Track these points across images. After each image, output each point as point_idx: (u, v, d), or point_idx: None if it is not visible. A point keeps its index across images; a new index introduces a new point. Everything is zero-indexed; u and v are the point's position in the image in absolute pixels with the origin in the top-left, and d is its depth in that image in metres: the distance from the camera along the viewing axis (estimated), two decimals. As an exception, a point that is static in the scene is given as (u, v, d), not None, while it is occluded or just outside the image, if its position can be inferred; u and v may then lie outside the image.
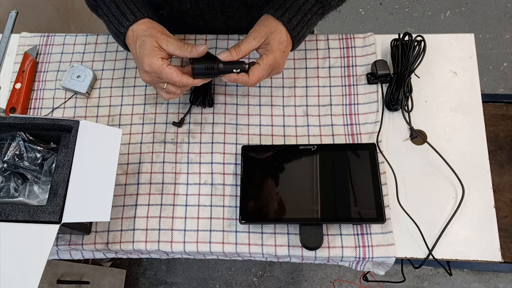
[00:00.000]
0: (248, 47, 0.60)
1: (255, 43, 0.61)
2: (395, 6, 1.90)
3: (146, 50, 0.59)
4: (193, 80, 0.61)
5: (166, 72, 0.59)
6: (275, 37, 0.61)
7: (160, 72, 0.59)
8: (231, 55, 0.60)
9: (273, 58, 0.61)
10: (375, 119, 0.71)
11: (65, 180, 0.55)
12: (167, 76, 0.59)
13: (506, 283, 1.48)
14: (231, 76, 0.62)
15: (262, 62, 0.60)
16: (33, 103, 0.76)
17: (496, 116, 1.12)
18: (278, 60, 0.61)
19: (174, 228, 0.66)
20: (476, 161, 0.68)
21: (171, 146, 0.72)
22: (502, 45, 1.78)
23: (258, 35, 0.61)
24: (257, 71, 0.60)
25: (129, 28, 0.61)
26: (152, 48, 0.59)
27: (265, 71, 0.61)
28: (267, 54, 0.61)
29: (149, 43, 0.59)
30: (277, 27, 0.61)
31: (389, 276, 1.43)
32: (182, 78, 0.60)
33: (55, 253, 0.69)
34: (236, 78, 0.61)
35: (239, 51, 0.60)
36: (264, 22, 0.62)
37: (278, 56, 0.61)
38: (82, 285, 1.23)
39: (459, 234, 0.64)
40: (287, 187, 0.65)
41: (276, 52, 0.61)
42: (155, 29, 0.61)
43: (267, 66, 0.61)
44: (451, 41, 0.76)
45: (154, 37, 0.60)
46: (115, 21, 0.62)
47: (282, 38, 0.61)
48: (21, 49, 0.79)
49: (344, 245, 0.63)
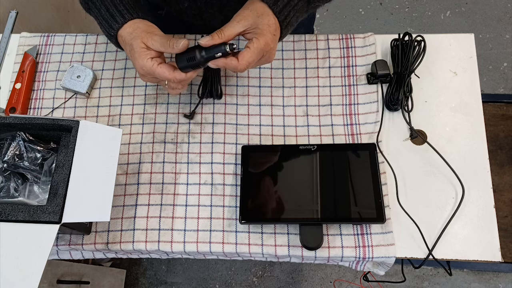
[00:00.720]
0: (231, 30, 0.57)
1: (239, 27, 0.57)
2: (395, 6, 1.90)
3: (136, 54, 0.59)
4: (186, 75, 0.60)
5: (158, 71, 0.58)
6: (263, 21, 0.57)
7: (153, 72, 0.59)
8: (213, 39, 0.56)
9: (264, 41, 0.57)
10: (375, 119, 0.71)
11: (65, 180, 0.55)
12: (159, 75, 0.59)
13: (506, 283, 1.48)
14: (219, 62, 0.58)
15: (253, 46, 0.57)
16: (33, 103, 0.76)
17: (496, 116, 1.12)
18: (269, 44, 0.58)
19: (174, 228, 0.66)
20: (476, 161, 0.68)
21: (171, 146, 0.72)
22: (502, 45, 1.78)
23: (243, 18, 0.57)
24: (247, 55, 0.57)
25: (118, 32, 0.61)
26: (140, 50, 0.58)
27: (255, 55, 0.57)
28: (258, 37, 0.57)
29: (136, 46, 0.59)
30: (264, 10, 0.58)
31: (389, 276, 1.43)
32: (175, 74, 0.59)
33: (55, 253, 0.69)
34: (225, 63, 0.58)
35: (222, 35, 0.56)
36: (249, 6, 0.59)
37: (269, 39, 0.57)
38: (82, 285, 1.23)
39: (459, 234, 0.64)
40: (287, 187, 0.65)
41: (267, 35, 0.57)
42: (139, 29, 0.60)
43: (257, 50, 0.57)
44: (451, 41, 0.76)
45: (139, 37, 0.59)
46: (106, 24, 0.62)
47: (271, 21, 0.58)
48: (21, 49, 0.79)
49: (344, 245, 0.63)
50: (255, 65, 0.60)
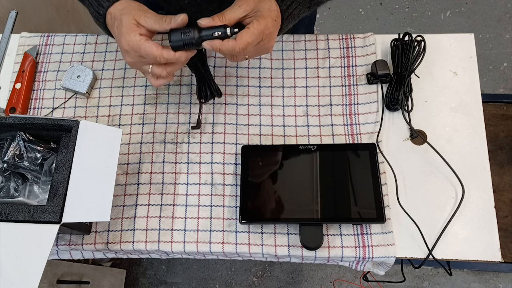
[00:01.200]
0: (232, 15, 0.55)
1: (240, 11, 0.55)
2: (395, 6, 1.90)
3: (123, 28, 0.55)
4: (175, 54, 0.56)
5: (144, 46, 0.54)
6: (265, 5, 0.56)
7: (139, 47, 0.54)
8: (214, 21, 0.54)
9: (265, 23, 0.55)
10: (375, 119, 0.71)
11: (65, 180, 0.55)
12: (146, 51, 0.54)
13: (506, 283, 1.48)
14: (214, 43, 0.54)
15: (252, 26, 0.54)
16: (33, 103, 0.76)
17: (496, 116, 1.12)
18: (269, 28, 0.55)
19: (174, 228, 0.66)
20: (476, 161, 0.68)
21: (171, 146, 0.72)
22: (502, 45, 1.78)
23: (244, 2, 0.55)
24: (246, 35, 0.54)
25: (107, 10, 0.58)
26: (130, 25, 0.55)
27: (255, 36, 0.54)
28: (258, 19, 0.55)
29: (125, 21, 0.55)
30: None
31: (389, 276, 1.43)
32: (163, 52, 0.55)
33: (55, 253, 0.69)
34: (221, 44, 0.54)
35: (223, 18, 0.54)
36: None
37: (270, 24, 0.55)
38: (82, 285, 1.23)
39: (459, 234, 0.64)
40: (287, 187, 0.65)
41: (267, 19, 0.55)
42: (132, 7, 0.57)
43: (257, 31, 0.54)
44: (451, 41, 0.76)
45: (131, 14, 0.56)
46: (95, 2, 0.59)
47: (272, 6, 0.56)
48: (21, 49, 0.79)
49: (344, 245, 0.63)
50: (253, 51, 0.58)
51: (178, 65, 0.59)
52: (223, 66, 0.76)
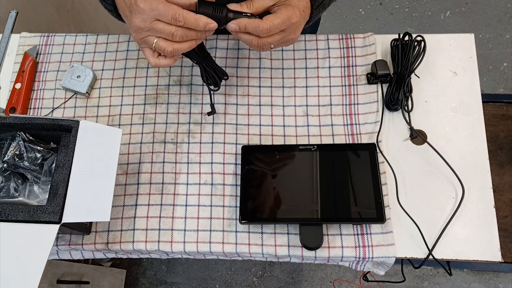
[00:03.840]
0: (261, 3, 0.54)
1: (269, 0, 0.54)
2: (395, 6, 1.90)
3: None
4: (195, 15, 0.52)
5: (163, 4, 0.50)
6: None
7: (157, 7, 0.50)
8: (242, 8, 0.54)
9: (292, 11, 0.54)
10: (375, 119, 0.71)
11: (65, 180, 0.55)
12: (165, 6, 0.50)
13: (506, 283, 1.48)
14: (241, 20, 0.53)
15: (280, 11, 0.54)
16: (33, 103, 0.76)
17: (496, 116, 1.13)
18: (297, 16, 0.54)
19: (174, 228, 0.66)
20: (476, 161, 0.68)
21: (171, 146, 0.72)
22: (502, 45, 1.78)
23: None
24: (272, 17, 0.53)
25: None
26: None
27: (280, 20, 0.53)
28: (286, 7, 0.54)
29: None
30: None
31: (389, 276, 1.43)
32: (183, 11, 0.51)
33: (55, 253, 0.69)
34: (247, 22, 0.53)
35: (251, 6, 0.54)
36: None
37: (298, 13, 0.54)
38: (82, 285, 1.23)
39: (459, 234, 0.64)
40: (287, 187, 0.65)
41: (295, 8, 0.54)
42: None
43: (284, 16, 0.53)
44: (451, 41, 0.76)
45: None
46: None
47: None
48: (21, 49, 0.79)
49: (344, 245, 0.63)
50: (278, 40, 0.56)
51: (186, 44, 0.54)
52: (223, 66, 0.76)
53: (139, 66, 0.78)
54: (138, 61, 0.78)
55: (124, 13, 0.56)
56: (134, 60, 0.78)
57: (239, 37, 0.57)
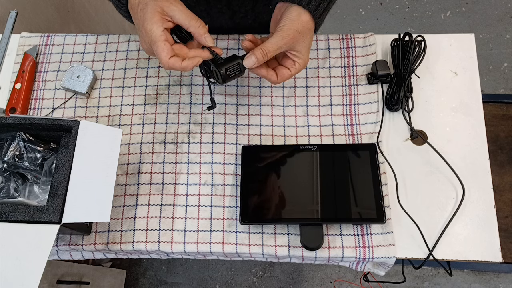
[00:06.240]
0: (274, 47, 0.57)
1: (282, 43, 0.57)
2: (395, 6, 1.90)
3: (148, 14, 0.54)
4: (181, 65, 0.55)
5: (157, 46, 0.54)
6: (305, 39, 0.58)
7: (155, 43, 0.54)
8: (258, 61, 0.58)
9: (304, 63, 0.61)
10: (376, 119, 0.71)
11: (65, 180, 0.55)
12: (157, 51, 0.54)
13: (507, 283, 1.48)
14: (261, 71, 0.61)
15: (294, 68, 0.60)
16: (33, 103, 0.76)
17: (496, 116, 1.12)
18: (306, 64, 0.61)
19: (174, 228, 0.66)
20: (476, 161, 0.68)
21: (171, 146, 0.72)
22: (502, 45, 1.78)
23: (287, 34, 0.56)
24: (286, 75, 0.61)
25: None
26: (154, 12, 0.54)
27: (292, 76, 0.62)
28: (299, 61, 0.60)
29: (151, 7, 0.54)
30: (304, 26, 0.57)
31: (390, 276, 1.43)
32: (169, 61, 0.54)
33: (55, 253, 0.69)
34: (266, 75, 0.61)
35: (266, 55, 0.58)
36: (291, 15, 0.57)
37: (307, 60, 0.61)
38: (82, 285, 1.23)
39: (460, 234, 0.64)
40: (287, 187, 0.65)
41: (305, 56, 0.60)
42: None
43: (297, 71, 0.61)
44: (452, 41, 0.76)
45: (159, 1, 0.54)
46: None
47: (310, 37, 0.59)
48: (21, 49, 0.79)
49: (344, 246, 0.63)
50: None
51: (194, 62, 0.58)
52: (223, 66, 0.76)
53: (139, 66, 0.77)
54: (138, 61, 0.78)
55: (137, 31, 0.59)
56: (134, 60, 0.78)
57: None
